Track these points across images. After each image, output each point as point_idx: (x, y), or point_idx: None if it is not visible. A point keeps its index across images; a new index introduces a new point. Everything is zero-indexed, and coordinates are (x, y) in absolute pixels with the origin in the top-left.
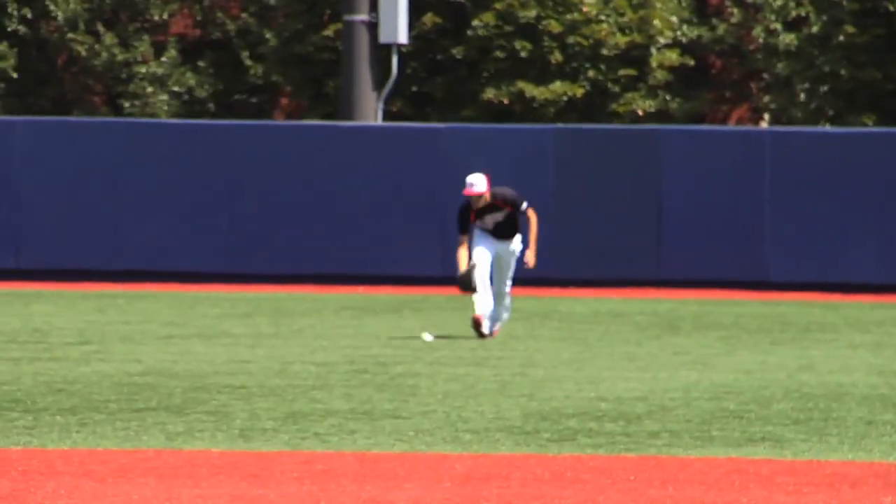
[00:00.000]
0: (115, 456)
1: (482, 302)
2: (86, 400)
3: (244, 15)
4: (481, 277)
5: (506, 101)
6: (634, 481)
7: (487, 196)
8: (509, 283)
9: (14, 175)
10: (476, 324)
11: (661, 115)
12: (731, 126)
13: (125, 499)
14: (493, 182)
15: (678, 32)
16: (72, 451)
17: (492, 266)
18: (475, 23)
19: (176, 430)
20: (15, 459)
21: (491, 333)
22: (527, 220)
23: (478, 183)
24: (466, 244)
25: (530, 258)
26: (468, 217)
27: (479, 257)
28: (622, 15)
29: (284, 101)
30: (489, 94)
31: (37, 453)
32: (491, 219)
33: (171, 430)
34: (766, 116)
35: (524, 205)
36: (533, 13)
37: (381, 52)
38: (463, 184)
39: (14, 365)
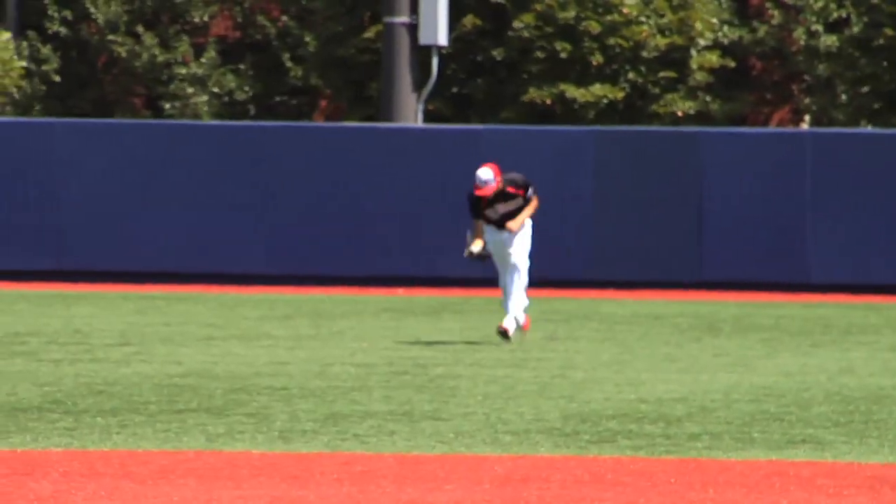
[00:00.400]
0: (156, 457)
1: (511, 316)
2: (126, 401)
3: (284, 17)
4: (502, 283)
5: (547, 103)
6: (674, 484)
7: (498, 186)
8: (522, 263)
9: (55, 177)
10: (503, 333)
11: (702, 117)
12: (771, 128)
13: (165, 500)
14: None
15: (719, 34)
16: (112, 453)
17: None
18: (515, 24)
19: (216, 432)
20: (56, 461)
21: (521, 327)
22: (528, 202)
23: (489, 179)
24: (481, 225)
25: (513, 224)
26: (479, 205)
27: (497, 264)
28: (662, 16)
29: (324, 103)
30: (530, 95)
31: (77, 455)
32: (503, 206)
33: (212, 432)
34: (807, 118)
35: (530, 190)
36: (573, 14)
37: (421, 54)
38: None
39: (55, 366)
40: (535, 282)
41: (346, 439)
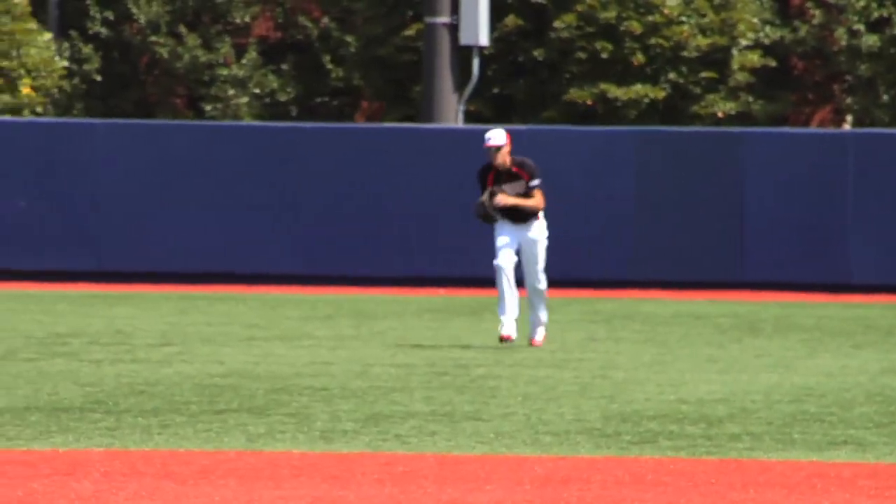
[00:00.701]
0: (197, 457)
1: (510, 323)
2: (167, 401)
3: (325, 18)
4: (508, 282)
5: (588, 102)
6: (715, 484)
7: (507, 158)
8: (542, 276)
9: (96, 177)
10: (505, 341)
11: (743, 118)
12: (813, 128)
13: (207, 500)
14: (572, 184)
15: (760, 34)
16: (153, 453)
17: (517, 261)
18: (556, 24)
19: (257, 432)
20: (97, 461)
21: (531, 342)
22: (530, 192)
23: (496, 136)
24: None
25: (503, 198)
26: (486, 179)
27: (503, 256)
28: (703, 16)
29: (365, 104)
30: (571, 94)
31: (119, 455)
32: (510, 188)
33: (253, 432)
34: (849, 118)
35: (536, 181)
36: (614, 14)
37: (461, 55)
38: (551, 186)
39: (96, 367)
40: (578, 282)
41: (387, 440)
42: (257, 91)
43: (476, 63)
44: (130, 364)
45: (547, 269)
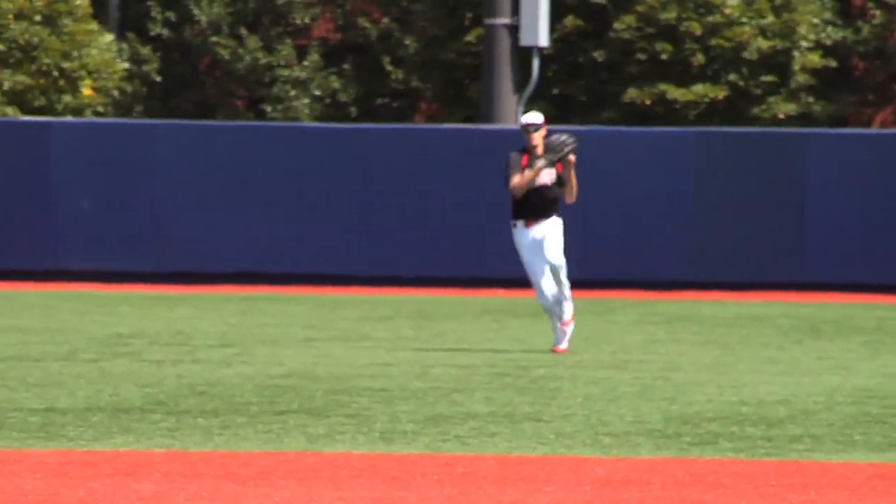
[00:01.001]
0: (257, 458)
1: (563, 330)
2: (228, 402)
3: (385, 20)
4: (549, 291)
5: (647, 103)
6: (775, 486)
7: (542, 142)
8: (563, 266)
9: (156, 178)
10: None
11: (803, 119)
12: (874, 129)
13: (266, 501)
14: (631, 185)
15: (822, 35)
16: (213, 454)
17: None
18: (616, 25)
19: (317, 433)
20: (157, 462)
21: (561, 324)
22: (569, 164)
23: (532, 116)
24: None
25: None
26: (519, 162)
27: (544, 290)
28: (764, 18)
29: (425, 105)
30: (630, 94)
31: (179, 455)
32: (546, 174)
33: (313, 433)
34: None
35: (546, 160)
36: (674, 15)
37: (521, 56)
38: (610, 187)
39: (157, 367)
40: (638, 283)
41: (448, 441)
42: (318, 93)
43: (536, 64)
44: (191, 365)
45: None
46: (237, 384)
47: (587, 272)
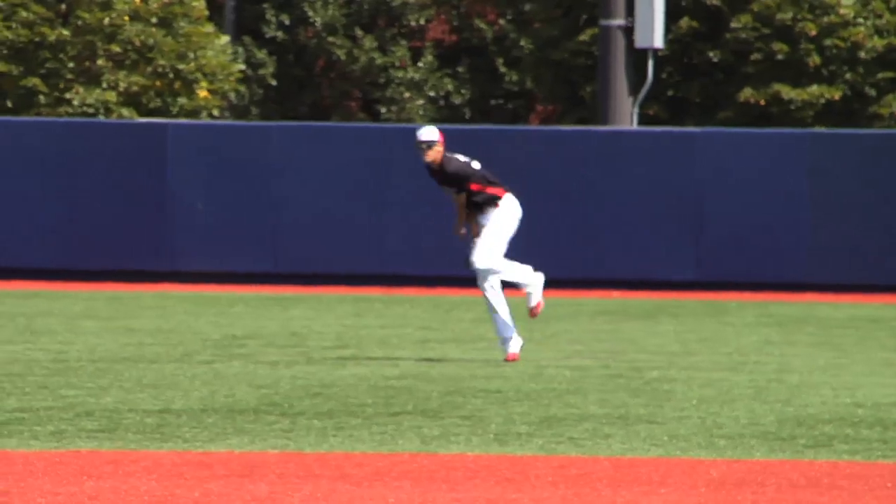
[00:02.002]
0: (371, 459)
1: (515, 340)
2: (342, 404)
3: (501, 21)
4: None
5: (762, 103)
6: (891, 488)
7: (438, 156)
8: (484, 253)
9: (272, 180)
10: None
11: None
12: None
13: (381, 502)
14: (747, 186)
15: None
16: (328, 455)
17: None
18: (732, 25)
19: (432, 434)
20: (272, 463)
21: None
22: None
23: (426, 133)
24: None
25: (457, 229)
26: (435, 181)
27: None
28: (880, 17)
29: (540, 107)
30: (746, 94)
31: (293, 457)
32: (448, 190)
33: (427, 434)
34: None
35: (455, 188)
36: (789, 15)
37: (636, 57)
38: (725, 188)
39: (272, 368)
40: (753, 285)
41: (562, 442)
42: (432, 94)
43: (651, 65)
44: (306, 366)
45: (492, 254)
46: (352, 385)
47: (702, 273)
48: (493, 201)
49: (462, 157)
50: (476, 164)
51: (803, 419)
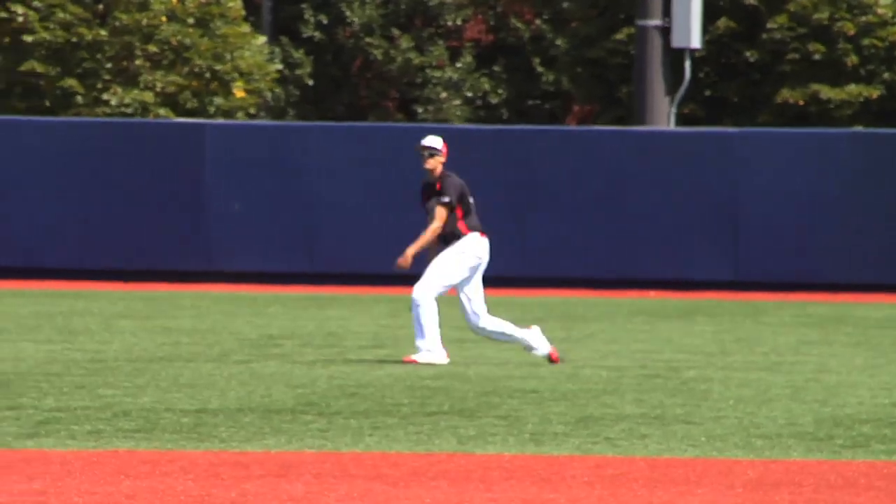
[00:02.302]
0: (408, 459)
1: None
2: (379, 403)
3: (537, 21)
4: (504, 324)
5: (801, 103)
6: None
7: (438, 166)
8: (424, 288)
9: (309, 180)
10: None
11: None
12: None
13: (417, 502)
14: (784, 186)
15: None
16: (365, 455)
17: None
18: (769, 25)
19: (468, 434)
20: (309, 462)
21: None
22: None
23: (430, 140)
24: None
25: (406, 257)
26: (422, 196)
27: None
28: None
29: (577, 107)
30: (784, 94)
31: (330, 456)
32: (429, 209)
33: (464, 434)
34: None
35: (444, 198)
36: (826, 15)
37: (673, 57)
38: (762, 188)
39: (309, 368)
40: (789, 285)
41: (598, 442)
42: (469, 94)
43: (688, 65)
44: (342, 366)
45: (436, 286)
46: (388, 385)
47: (740, 274)
48: (460, 237)
49: (460, 180)
50: (471, 199)
51: (840, 419)
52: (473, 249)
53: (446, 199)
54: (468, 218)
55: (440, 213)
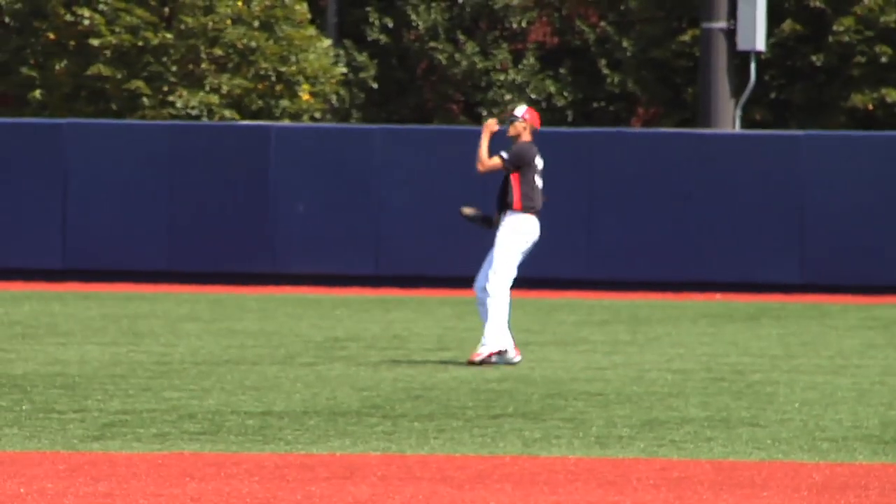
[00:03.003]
0: (473, 462)
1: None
2: (444, 406)
3: (602, 23)
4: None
5: (869, 107)
6: None
7: (518, 132)
8: (493, 278)
9: (374, 183)
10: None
11: None
12: None
13: None
14: (851, 189)
15: None
16: (429, 457)
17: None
18: (835, 28)
19: (533, 437)
20: (374, 464)
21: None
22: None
23: (516, 110)
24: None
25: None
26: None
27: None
28: None
29: (642, 110)
30: (855, 100)
31: (395, 459)
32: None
33: (528, 437)
34: None
35: (504, 153)
36: (893, 17)
37: (738, 59)
38: (829, 191)
39: (374, 371)
40: (856, 287)
41: (663, 445)
42: (534, 96)
43: (753, 68)
44: (407, 368)
45: (502, 272)
46: (453, 388)
47: (806, 276)
48: (510, 210)
49: (533, 153)
50: (539, 181)
51: None
52: (525, 231)
53: (504, 155)
54: (525, 192)
55: (494, 160)
